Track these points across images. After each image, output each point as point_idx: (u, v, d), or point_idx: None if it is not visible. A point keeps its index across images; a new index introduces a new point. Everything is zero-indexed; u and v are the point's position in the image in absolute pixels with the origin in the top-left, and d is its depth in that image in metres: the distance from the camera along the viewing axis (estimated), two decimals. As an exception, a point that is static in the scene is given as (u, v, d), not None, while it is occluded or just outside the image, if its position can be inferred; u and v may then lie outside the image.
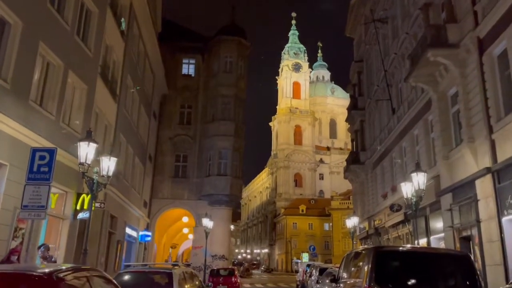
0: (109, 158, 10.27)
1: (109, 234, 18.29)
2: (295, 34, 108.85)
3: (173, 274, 7.93)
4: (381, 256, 6.05)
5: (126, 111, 19.61)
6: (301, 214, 78.66)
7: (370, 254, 6.18)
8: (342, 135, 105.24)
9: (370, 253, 6.21)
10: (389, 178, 23.61)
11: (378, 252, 6.11)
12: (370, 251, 6.23)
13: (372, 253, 6.12)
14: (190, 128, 29.79)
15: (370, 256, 6.10)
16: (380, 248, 6.29)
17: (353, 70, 31.96)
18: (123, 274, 8.05)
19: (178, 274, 8.11)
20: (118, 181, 18.69)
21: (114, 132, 17.66)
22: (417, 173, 12.01)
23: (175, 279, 7.86)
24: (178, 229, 37.05)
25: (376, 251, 6.10)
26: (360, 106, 29.71)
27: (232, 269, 21.21)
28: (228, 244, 28.79)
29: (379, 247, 6.01)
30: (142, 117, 23.98)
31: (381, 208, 24.55)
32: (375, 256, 6.01)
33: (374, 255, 6.03)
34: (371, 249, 6.25)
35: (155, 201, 28.20)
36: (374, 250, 6.12)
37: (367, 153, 28.43)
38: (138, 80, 21.96)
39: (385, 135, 24.13)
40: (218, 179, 27.59)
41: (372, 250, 6.20)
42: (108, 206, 17.12)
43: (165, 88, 29.55)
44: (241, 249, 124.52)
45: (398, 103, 22.31)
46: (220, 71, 29.55)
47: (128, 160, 20.95)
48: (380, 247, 6.16)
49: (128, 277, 7.98)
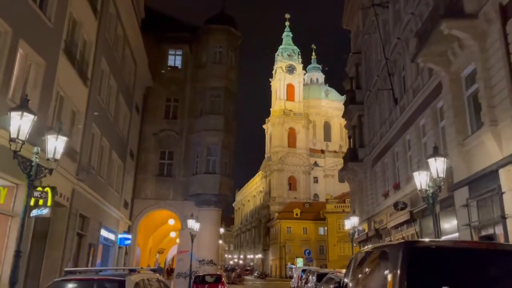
0: (55, 137, 8.20)
1: (79, 236, 16.17)
2: (289, 36, 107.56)
3: (126, 283, 5.92)
4: (416, 255, 4.08)
5: (100, 98, 17.56)
6: (296, 218, 76.66)
7: (397, 253, 4.21)
8: (337, 138, 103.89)
9: (397, 251, 4.24)
10: (391, 175, 21.72)
11: (411, 249, 4.13)
12: (398, 249, 4.25)
13: (401, 251, 4.15)
14: (176, 123, 27.73)
15: (399, 257, 4.13)
16: (413, 244, 4.30)
17: (350, 62, 30.16)
18: (58, 283, 6.02)
19: (134, 283, 6.08)
20: (90, 177, 16.61)
21: (85, 120, 15.59)
22: (435, 159, 10.04)
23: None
24: (165, 233, 34.87)
25: (409, 249, 4.12)
26: (358, 99, 27.90)
27: (218, 275, 19.06)
28: (216, 248, 26.67)
29: (412, 242, 4.12)
30: (122, 109, 21.93)
31: (382, 208, 22.64)
32: (407, 256, 4.04)
33: (405, 254, 4.07)
34: (399, 246, 4.27)
35: (137, 201, 26.04)
36: (405, 247, 4.14)
37: (366, 149, 26.57)
38: (116, 67, 19.94)
39: (386, 129, 22.27)
40: (206, 178, 25.52)
41: (401, 247, 4.22)
42: (77, 204, 15.07)
43: (149, 80, 27.51)
44: (234, 254, 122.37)
45: (400, 92, 20.49)
46: (209, 62, 27.57)
47: (104, 154, 18.87)
48: (413, 243, 4.22)
49: (64, 287, 5.96)
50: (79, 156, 15.21)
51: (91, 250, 17.05)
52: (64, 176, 13.88)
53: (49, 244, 13.92)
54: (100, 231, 18.47)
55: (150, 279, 6.97)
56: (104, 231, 19.54)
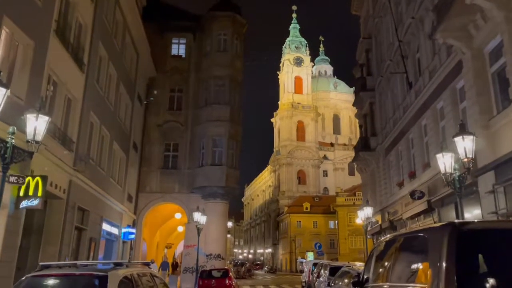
0: (35, 116, 7.32)
1: (79, 231, 15.40)
2: (296, 28, 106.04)
3: (109, 279, 5.04)
4: (466, 239, 3.12)
5: (98, 86, 16.73)
6: (305, 212, 75.67)
7: (441, 237, 3.25)
8: (346, 131, 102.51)
9: (440, 235, 3.29)
10: (406, 163, 20.66)
11: (461, 232, 3.17)
12: (441, 233, 3.30)
13: (448, 235, 3.19)
14: (180, 114, 26.85)
15: (443, 242, 3.17)
16: (462, 226, 3.31)
17: (360, 48, 29.02)
18: (30, 280, 5.15)
19: (120, 279, 5.20)
20: (89, 168, 15.82)
21: (82, 108, 14.76)
22: (463, 137, 8.98)
23: (111, 287, 4.97)
24: (172, 227, 34.10)
25: (457, 232, 3.16)
26: (369, 86, 26.77)
27: (225, 270, 18.18)
28: (224, 242, 25.82)
29: (459, 224, 3.19)
30: (123, 99, 21.10)
31: (397, 198, 21.61)
32: (455, 241, 3.08)
33: (452, 238, 3.10)
34: (444, 229, 3.32)
35: (142, 195, 25.25)
36: (453, 230, 3.18)
37: (378, 138, 25.48)
38: (115, 54, 19.08)
39: (400, 115, 21.18)
40: (212, 170, 24.63)
41: (446, 230, 3.27)
42: (74, 196, 14.28)
43: (152, 71, 26.64)
44: (244, 249, 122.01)
45: (415, 76, 19.39)
46: (213, 50, 26.59)
47: (104, 145, 18.06)
48: (461, 224, 3.27)
49: (37, 283, 5.09)
50: (76, 145, 14.40)
51: (92, 245, 16.28)
52: (60, 166, 13.09)
53: (45, 239, 13.17)
54: (102, 225, 17.71)
55: (141, 274, 6.09)
56: (106, 225, 18.79)
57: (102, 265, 5.92)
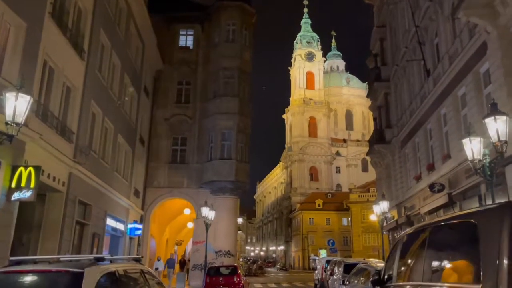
0: (15, 95, 6.59)
1: (81, 226, 14.77)
2: (308, 23, 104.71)
3: (85, 276, 4.27)
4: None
5: (100, 76, 16.06)
6: (318, 209, 74.61)
7: (500, 222, 2.39)
8: (359, 127, 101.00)
9: (499, 220, 2.42)
10: (423, 155, 19.61)
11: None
12: (501, 216, 2.44)
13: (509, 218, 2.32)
14: (188, 107, 26.12)
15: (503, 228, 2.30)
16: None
17: (374, 37, 27.93)
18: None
19: (99, 277, 4.43)
20: (91, 160, 15.17)
21: (82, 97, 14.09)
22: (495, 117, 7.99)
23: (87, 286, 4.20)
24: (181, 224, 33.51)
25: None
26: (384, 76, 25.71)
27: (234, 267, 17.37)
28: (234, 239, 25.06)
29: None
30: (128, 90, 20.44)
31: (414, 192, 20.58)
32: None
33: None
34: (503, 210, 2.46)
35: (149, 190, 24.62)
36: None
37: (394, 130, 24.43)
38: (119, 43, 18.40)
39: (417, 105, 20.13)
40: (221, 164, 23.86)
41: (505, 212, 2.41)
42: (75, 189, 13.64)
43: (159, 63, 25.96)
44: (256, 246, 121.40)
45: (433, 62, 18.34)
46: (221, 41, 25.78)
47: (108, 137, 17.41)
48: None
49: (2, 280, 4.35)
50: (76, 136, 13.74)
51: (95, 241, 15.64)
52: (58, 158, 12.43)
53: (44, 234, 12.55)
54: (106, 220, 17.08)
55: (129, 271, 5.32)
56: (111, 220, 18.17)
57: (78, 261, 5.13)
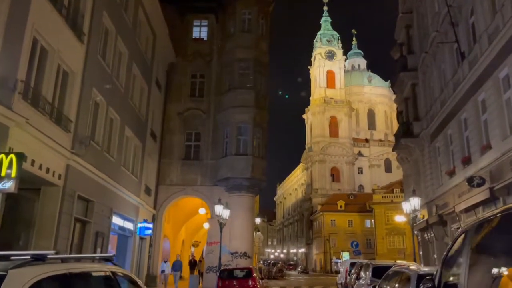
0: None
1: (82, 223, 13.64)
2: (328, 21, 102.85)
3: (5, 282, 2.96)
4: None
5: (104, 62, 14.94)
6: (340, 210, 72.52)
7: None
8: (382, 126, 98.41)
9: None
10: (457, 148, 17.82)
11: None
12: None
13: None
14: (202, 101, 24.89)
15: None
16: None
17: (399, 25, 26.16)
18: None
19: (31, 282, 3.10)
20: (93, 153, 14.04)
21: (82, 83, 12.97)
22: None
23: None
24: (198, 224, 32.26)
25: None
26: (410, 66, 23.92)
27: (249, 269, 15.93)
28: (251, 239, 23.62)
29: None
30: (137, 82, 19.32)
31: (447, 189, 18.78)
32: None
33: None
34: None
35: (162, 188, 23.45)
36: None
37: (422, 123, 22.61)
38: (125, 29, 17.27)
39: (449, 93, 18.33)
40: (237, 160, 22.50)
41: None
42: (73, 183, 12.50)
43: (172, 55, 24.83)
44: (277, 249, 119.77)
45: (469, 44, 16.55)
46: (236, 31, 24.46)
47: (113, 130, 16.28)
48: None
49: None
50: (75, 126, 12.61)
51: (98, 240, 14.48)
52: (53, 148, 11.30)
53: (38, 231, 11.43)
54: (112, 218, 15.92)
55: (88, 274, 3.97)
56: (118, 219, 17.04)
57: (7, 261, 3.75)
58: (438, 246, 20.35)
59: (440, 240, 20.13)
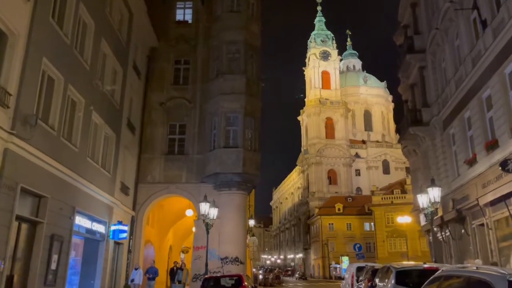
0: None
1: (30, 224, 11.03)
2: (322, 21, 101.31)
3: None
4: None
5: (61, 31, 12.41)
6: (338, 213, 70.14)
7: None
8: (379, 127, 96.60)
9: None
10: (478, 132, 15.42)
11: None
12: None
13: None
14: (187, 89, 22.35)
15: None
16: None
17: (403, 5, 23.90)
18: None
19: None
20: (44, 137, 11.47)
21: (26, 49, 10.43)
22: None
23: None
24: (187, 228, 29.51)
25: None
26: (417, 47, 21.56)
27: (238, 277, 13.32)
28: (243, 243, 21.01)
29: None
30: (109, 62, 16.77)
31: (466, 180, 16.34)
32: None
33: None
34: None
35: (142, 186, 20.82)
36: None
37: (433, 109, 20.24)
38: None
39: (467, 69, 15.97)
40: (226, 153, 19.95)
41: None
42: (14, 172, 9.95)
43: (153, 40, 22.35)
44: (274, 255, 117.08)
45: (491, 9, 14.21)
46: (224, 12, 22.03)
47: (75, 113, 13.71)
48: None
49: None
50: (16, 100, 10.06)
51: (54, 245, 11.85)
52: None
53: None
54: (74, 218, 13.32)
55: None
56: (84, 220, 14.45)
57: None
58: (456, 246, 17.90)
59: (458, 239, 17.68)
